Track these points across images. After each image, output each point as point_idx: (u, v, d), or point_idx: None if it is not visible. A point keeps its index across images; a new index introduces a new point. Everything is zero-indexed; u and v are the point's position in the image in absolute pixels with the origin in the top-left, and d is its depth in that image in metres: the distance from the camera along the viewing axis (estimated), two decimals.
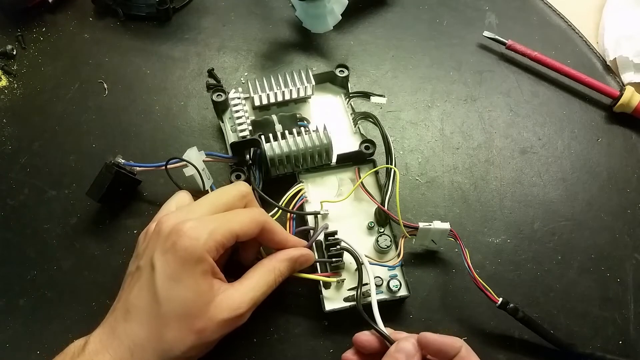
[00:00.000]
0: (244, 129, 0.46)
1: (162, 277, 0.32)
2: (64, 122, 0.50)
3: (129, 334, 0.32)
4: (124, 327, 0.32)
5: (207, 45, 0.56)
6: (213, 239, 0.32)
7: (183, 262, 0.31)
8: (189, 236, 0.32)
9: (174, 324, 0.32)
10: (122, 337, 0.32)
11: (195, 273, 0.32)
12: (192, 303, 0.32)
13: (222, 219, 0.34)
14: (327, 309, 0.40)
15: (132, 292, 0.33)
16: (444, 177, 0.49)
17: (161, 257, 0.32)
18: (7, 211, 0.46)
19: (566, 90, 0.55)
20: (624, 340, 0.42)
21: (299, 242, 0.39)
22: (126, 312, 0.33)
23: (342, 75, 0.49)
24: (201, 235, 0.32)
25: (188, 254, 0.31)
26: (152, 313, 0.32)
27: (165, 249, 0.32)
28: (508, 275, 0.44)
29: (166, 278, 0.32)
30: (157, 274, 0.32)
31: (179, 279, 0.31)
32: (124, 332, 0.32)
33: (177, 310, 0.32)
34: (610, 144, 0.52)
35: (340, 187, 0.45)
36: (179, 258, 0.31)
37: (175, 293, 0.31)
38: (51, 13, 0.57)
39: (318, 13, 0.53)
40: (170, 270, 0.32)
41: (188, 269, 0.31)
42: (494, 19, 0.59)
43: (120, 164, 0.44)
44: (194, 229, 0.32)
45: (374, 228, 0.43)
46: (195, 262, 0.32)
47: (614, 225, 0.47)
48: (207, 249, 0.32)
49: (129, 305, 0.33)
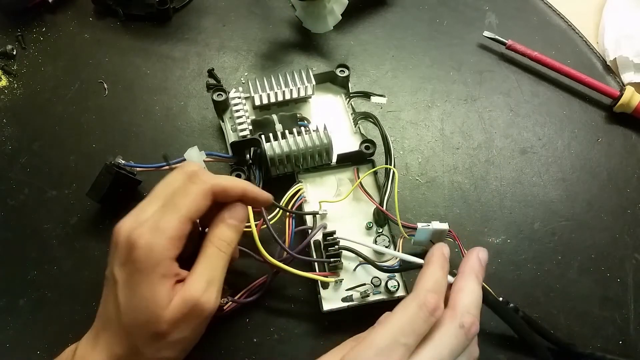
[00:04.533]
0: (244, 129, 0.46)
1: (122, 288, 0.32)
2: (64, 122, 0.50)
3: (107, 343, 0.33)
4: (103, 336, 0.33)
5: (207, 45, 0.56)
6: (166, 238, 0.32)
7: (140, 272, 0.31)
8: (141, 246, 0.31)
9: (138, 332, 0.32)
10: (102, 345, 0.33)
11: (153, 280, 0.32)
12: (151, 309, 0.32)
13: (167, 210, 0.33)
14: (325, 309, 0.40)
15: (104, 301, 0.34)
16: (444, 177, 0.49)
17: (119, 269, 0.32)
18: (7, 211, 0.46)
19: (566, 90, 0.55)
20: (624, 340, 0.42)
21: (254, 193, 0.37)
22: (104, 322, 0.34)
23: (342, 75, 0.49)
24: (153, 242, 0.31)
25: (143, 264, 0.31)
26: (120, 324, 0.32)
27: (122, 261, 0.32)
28: (508, 275, 0.44)
29: (126, 289, 0.32)
30: (118, 286, 0.32)
31: (137, 289, 0.32)
32: (103, 341, 0.33)
33: (138, 319, 0.32)
34: (610, 144, 0.52)
35: (339, 187, 0.45)
36: (136, 269, 0.31)
37: (134, 303, 0.32)
38: (51, 13, 0.57)
39: (318, 13, 0.53)
40: (129, 281, 0.32)
41: (145, 277, 0.31)
42: (494, 19, 0.59)
43: (121, 165, 0.44)
44: (145, 236, 0.31)
45: (373, 228, 0.43)
46: (152, 269, 0.31)
47: (614, 225, 0.47)
48: (162, 254, 0.32)
49: (105, 317, 0.34)
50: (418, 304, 0.31)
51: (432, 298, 0.32)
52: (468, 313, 0.32)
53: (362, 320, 0.39)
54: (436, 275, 0.34)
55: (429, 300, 0.31)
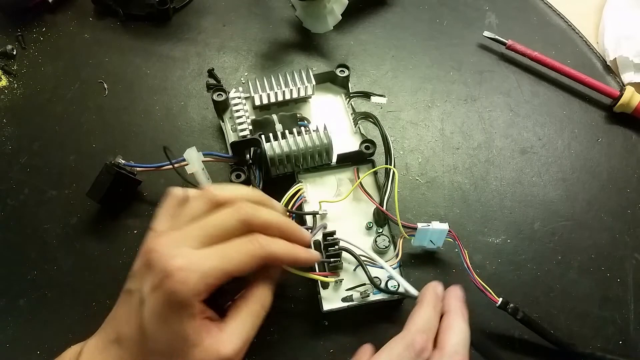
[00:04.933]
0: (244, 129, 0.46)
1: (149, 313, 0.31)
2: (64, 122, 0.50)
3: (119, 357, 0.32)
4: (116, 352, 0.32)
5: (207, 45, 0.56)
6: (204, 283, 0.30)
7: (170, 304, 0.30)
8: (177, 280, 0.30)
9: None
10: (113, 357, 0.32)
11: (182, 316, 0.31)
12: (178, 345, 0.31)
13: (216, 257, 0.32)
14: (325, 309, 0.40)
15: (123, 317, 0.33)
16: (444, 177, 0.49)
17: (150, 293, 0.31)
18: (7, 211, 0.46)
19: (566, 90, 0.55)
20: (624, 340, 0.42)
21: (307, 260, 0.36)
22: (117, 337, 0.33)
23: (342, 75, 0.49)
24: (190, 280, 0.30)
25: (174, 298, 0.30)
26: (139, 345, 0.32)
27: (154, 285, 0.31)
28: (508, 275, 0.44)
29: (154, 316, 0.31)
30: (146, 309, 0.31)
31: (165, 321, 0.31)
32: (115, 353, 0.32)
33: (163, 349, 0.31)
34: (610, 144, 0.52)
35: (339, 187, 0.45)
36: (166, 300, 0.30)
37: (161, 333, 0.31)
38: (51, 13, 0.57)
39: (318, 13, 0.53)
40: (157, 310, 0.31)
41: (174, 311, 0.30)
42: (494, 19, 0.59)
43: (121, 164, 0.44)
44: (184, 271, 0.30)
45: (373, 228, 0.43)
46: (182, 306, 0.30)
47: (614, 225, 0.47)
48: (195, 294, 0.31)
49: (120, 328, 0.33)
50: (406, 344, 0.32)
51: (420, 338, 0.32)
52: (456, 353, 0.32)
53: (362, 320, 0.39)
54: (427, 315, 0.34)
55: (417, 340, 0.32)
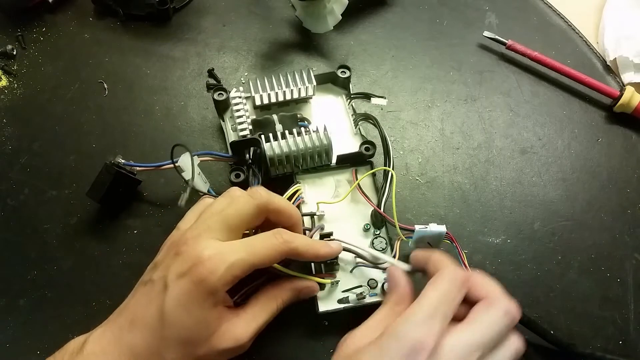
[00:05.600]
0: (244, 129, 0.46)
1: (172, 300, 0.32)
2: (64, 122, 0.50)
3: (131, 345, 0.32)
4: (127, 337, 0.33)
5: (207, 45, 0.56)
6: (231, 274, 0.32)
7: (196, 292, 0.31)
8: (207, 268, 0.31)
9: (176, 347, 0.32)
10: (123, 345, 0.32)
11: (206, 304, 0.32)
12: (197, 332, 0.32)
13: (243, 250, 0.33)
14: (321, 310, 0.40)
15: (141, 303, 0.34)
16: (444, 177, 0.49)
17: (175, 279, 0.32)
18: (7, 211, 0.46)
19: (566, 90, 0.55)
20: (624, 340, 0.42)
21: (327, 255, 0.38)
22: (131, 322, 0.33)
23: (343, 76, 0.49)
24: (219, 268, 0.32)
25: (202, 286, 0.31)
26: (157, 332, 0.32)
27: (181, 273, 0.32)
28: (508, 275, 0.44)
29: (176, 303, 0.32)
30: (168, 296, 0.32)
31: (189, 308, 0.32)
32: (126, 341, 0.33)
33: (181, 336, 0.32)
34: (610, 144, 0.52)
35: (337, 188, 0.45)
36: (193, 287, 0.31)
37: (182, 319, 0.32)
38: (51, 13, 0.57)
39: (318, 13, 0.53)
40: (182, 296, 0.32)
41: (200, 299, 0.32)
42: (494, 19, 0.59)
43: (120, 164, 0.44)
44: (213, 260, 0.32)
45: (370, 230, 0.43)
46: (208, 294, 0.32)
47: (614, 225, 0.47)
48: (223, 283, 0.32)
49: (135, 316, 0.33)
50: (449, 276, 0.33)
51: (460, 271, 0.33)
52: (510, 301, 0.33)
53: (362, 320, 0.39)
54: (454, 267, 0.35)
55: (459, 272, 0.33)
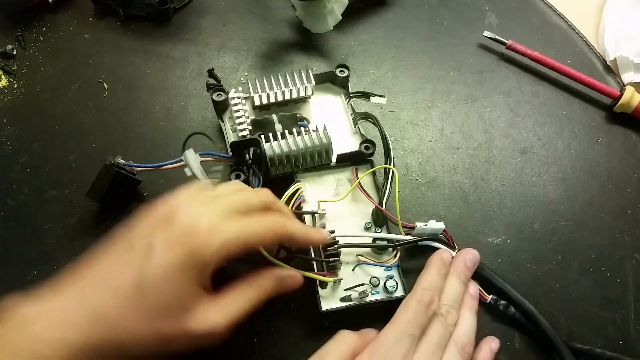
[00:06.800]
0: (243, 129, 0.46)
1: (156, 268, 0.29)
2: (64, 122, 0.50)
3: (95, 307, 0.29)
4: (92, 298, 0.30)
5: (207, 45, 0.56)
6: (226, 250, 0.30)
7: (186, 264, 0.29)
8: (204, 239, 0.29)
9: (145, 319, 0.29)
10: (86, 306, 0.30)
11: (188, 277, 0.29)
12: (174, 308, 0.29)
13: (240, 226, 0.31)
14: (324, 309, 0.40)
15: (113, 267, 0.31)
16: (444, 177, 0.49)
17: (164, 247, 0.29)
18: (7, 211, 0.46)
19: (566, 90, 0.55)
20: (624, 340, 0.42)
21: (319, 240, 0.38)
22: (98, 284, 0.30)
23: (342, 76, 0.49)
24: (214, 243, 0.29)
25: (194, 259, 0.29)
26: (130, 298, 0.29)
27: (171, 241, 0.29)
28: (508, 275, 0.44)
29: (161, 271, 0.29)
30: (153, 263, 0.29)
31: (174, 279, 0.29)
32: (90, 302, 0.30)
33: (156, 308, 0.29)
34: (610, 144, 0.52)
35: (338, 187, 0.45)
36: (184, 259, 0.29)
37: (162, 291, 0.29)
38: (51, 13, 0.57)
39: (318, 13, 0.53)
40: (169, 265, 0.29)
41: (188, 272, 0.29)
42: (494, 19, 0.59)
43: (120, 164, 0.44)
44: (210, 232, 0.30)
45: (371, 228, 0.43)
46: (199, 269, 0.29)
47: (614, 225, 0.47)
48: (217, 259, 0.30)
49: (103, 278, 0.30)
50: (416, 299, 0.37)
51: (426, 294, 0.37)
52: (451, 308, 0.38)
53: (362, 320, 0.39)
54: (432, 277, 0.39)
55: (424, 296, 0.37)
